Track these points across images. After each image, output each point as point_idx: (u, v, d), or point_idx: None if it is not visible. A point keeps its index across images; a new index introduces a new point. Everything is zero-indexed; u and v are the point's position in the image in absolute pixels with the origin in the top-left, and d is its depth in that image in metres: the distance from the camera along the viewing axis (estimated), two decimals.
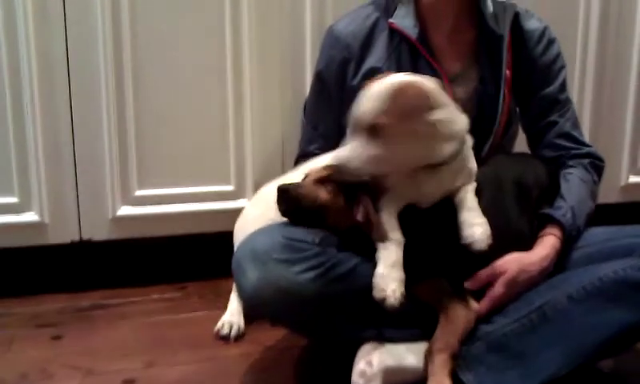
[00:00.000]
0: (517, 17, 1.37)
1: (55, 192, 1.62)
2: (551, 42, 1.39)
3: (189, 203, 1.72)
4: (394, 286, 1.08)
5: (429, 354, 1.13)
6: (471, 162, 1.21)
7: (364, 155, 1.08)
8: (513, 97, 1.38)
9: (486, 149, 1.35)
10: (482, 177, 1.23)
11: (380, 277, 1.09)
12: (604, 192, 1.41)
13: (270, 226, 1.19)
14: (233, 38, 1.67)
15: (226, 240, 1.51)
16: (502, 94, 1.34)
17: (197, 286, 1.74)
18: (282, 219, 1.19)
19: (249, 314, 1.48)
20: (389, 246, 1.11)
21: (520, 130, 1.47)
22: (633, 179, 2.03)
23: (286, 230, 1.15)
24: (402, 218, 1.15)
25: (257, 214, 1.46)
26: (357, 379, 1.15)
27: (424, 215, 1.18)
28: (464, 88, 1.36)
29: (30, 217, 1.62)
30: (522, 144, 1.47)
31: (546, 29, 1.40)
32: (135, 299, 1.66)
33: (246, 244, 1.16)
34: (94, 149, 1.62)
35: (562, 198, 1.29)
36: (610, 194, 1.95)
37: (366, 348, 1.18)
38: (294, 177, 1.29)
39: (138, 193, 1.69)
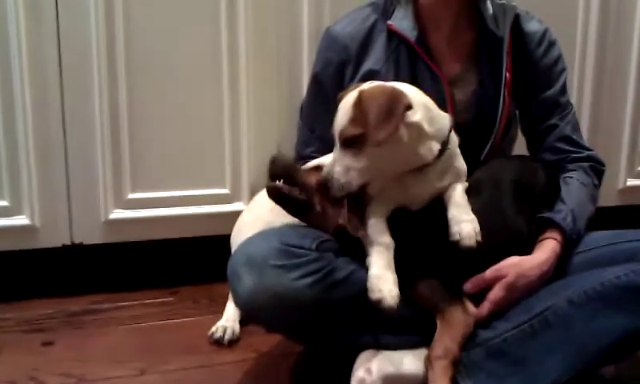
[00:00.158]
0: (517, 19, 1.36)
1: (46, 195, 1.60)
2: (552, 44, 1.39)
3: (183, 206, 1.70)
4: (389, 286, 1.07)
5: (428, 361, 1.12)
6: (458, 160, 1.21)
7: (351, 170, 1.08)
8: (513, 99, 1.37)
9: (485, 151, 1.34)
10: (480, 177, 1.23)
11: (375, 278, 1.08)
12: (602, 195, 1.41)
13: (267, 231, 1.18)
14: (229, 39, 1.66)
15: (221, 244, 1.50)
16: (501, 97, 1.33)
17: (190, 291, 1.72)
18: (277, 223, 1.18)
19: (244, 319, 1.47)
20: (379, 249, 1.10)
21: (519, 133, 1.46)
22: (631, 182, 2.04)
23: (282, 236, 1.14)
24: (393, 221, 1.14)
25: (252, 218, 1.45)
26: None
27: (415, 218, 1.17)
28: (463, 90, 1.35)
29: (21, 220, 1.60)
30: (521, 147, 1.46)
31: (546, 31, 1.39)
32: (127, 304, 1.64)
33: (242, 249, 1.15)
34: (86, 151, 1.61)
35: (562, 201, 1.28)
36: (608, 197, 1.94)
37: (365, 355, 1.17)
38: None
39: (131, 196, 1.67)
